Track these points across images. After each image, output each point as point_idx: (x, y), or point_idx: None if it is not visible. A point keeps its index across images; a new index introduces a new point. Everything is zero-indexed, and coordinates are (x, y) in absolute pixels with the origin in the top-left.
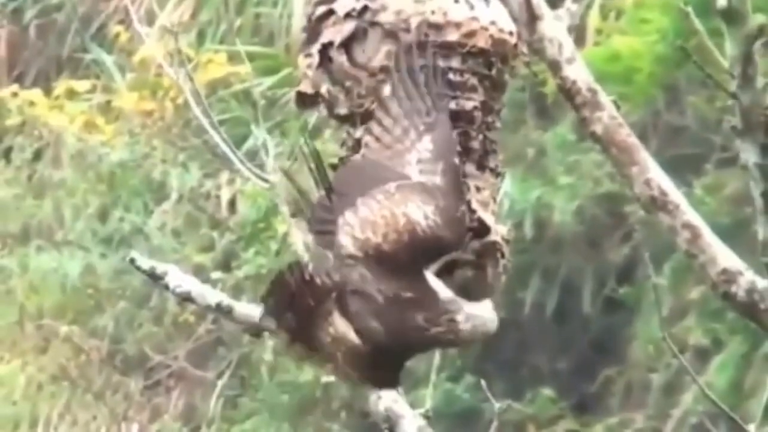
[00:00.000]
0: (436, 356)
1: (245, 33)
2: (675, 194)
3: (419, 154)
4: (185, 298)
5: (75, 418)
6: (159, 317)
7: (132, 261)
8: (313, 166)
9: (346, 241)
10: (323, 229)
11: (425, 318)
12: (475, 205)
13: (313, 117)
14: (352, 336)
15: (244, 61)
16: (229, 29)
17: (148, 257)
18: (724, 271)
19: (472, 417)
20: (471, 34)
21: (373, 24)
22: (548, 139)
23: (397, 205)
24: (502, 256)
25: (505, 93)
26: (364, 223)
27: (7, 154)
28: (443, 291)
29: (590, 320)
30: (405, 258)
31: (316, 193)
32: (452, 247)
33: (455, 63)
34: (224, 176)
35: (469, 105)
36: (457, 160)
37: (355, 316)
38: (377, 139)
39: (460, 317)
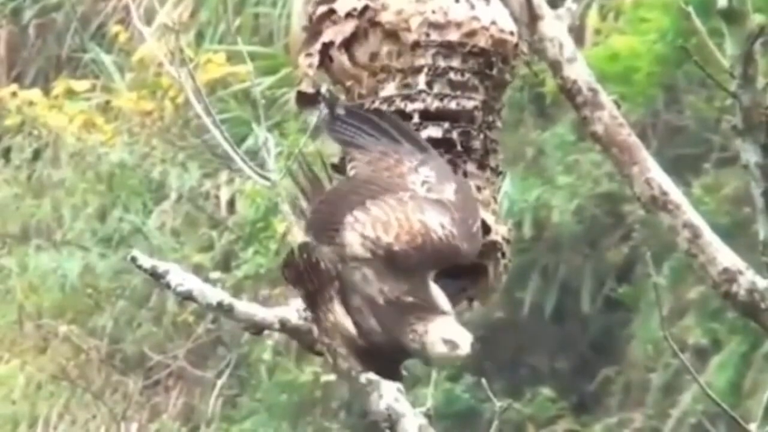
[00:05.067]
0: None
1: (244, 33)
2: (675, 194)
3: (423, 177)
4: (186, 297)
5: (74, 418)
6: (158, 317)
7: (133, 260)
8: (307, 168)
9: (352, 238)
10: (323, 226)
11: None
12: None
13: (313, 117)
14: (350, 327)
15: (244, 61)
16: (228, 29)
17: (147, 257)
18: (725, 271)
19: (472, 416)
20: (472, 34)
21: (374, 23)
22: (547, 138)
23: (413, 211)
24: (503, 255)
25: (505, 92)
26: (375, 221)
27: (6, 153)
28: (444, 304)
29: (589, 320)
30: (414, 260)
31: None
32: (467, 259)
33: (456, 62)
34: (223, 176)
35: (469, 104)
36: (465, 182)
37: (355, 311)
38: (368, 163)
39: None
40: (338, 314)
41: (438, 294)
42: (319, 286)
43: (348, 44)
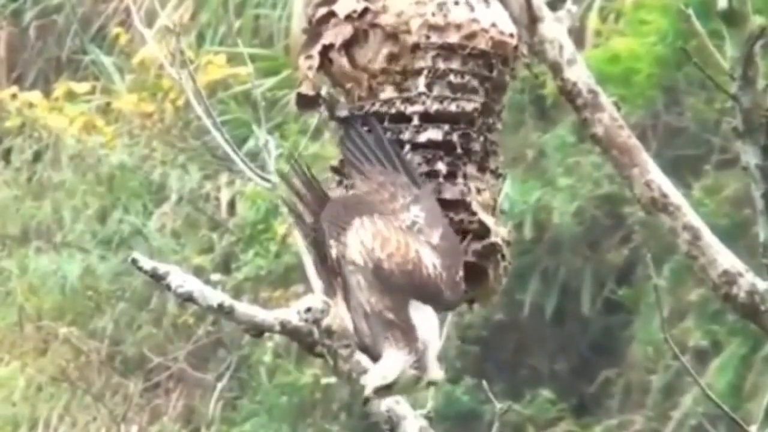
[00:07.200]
0: None
1: (245, 35)
2: (675, 196)
3: (413, 218)
4: (187, 299)
5: (74, 420)
6: (158, 319)
7: (134, 261)
8: (302, 172)
9: (353, 241)
10: (335, 220)
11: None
12: (475, 207)
13: (314, 119)
14: (349, 324)
15: (245, 63)
16: (228, 31)
17: (148, 259)
18: (725, 273)
19: (472, 418)
20: (472, 36)
21: (374, 26)
22: (548, 140)
23: (412, 240)
24: (503, 257)
25: (505, 94)
26: (377, 233)
27: (7, 155)
28: (425, 333)
29: (589, 322)
30: (398, 283)
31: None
32: (446, 304)
33: (456, 65)
34: (224, 178)
35: (469, 107)
36: (451, 229)
37: (352, 310)
38: (366, 194)
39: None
40: (340, 308)
41: (423, 320)
42: (326, 277)
43: (348, 46)
